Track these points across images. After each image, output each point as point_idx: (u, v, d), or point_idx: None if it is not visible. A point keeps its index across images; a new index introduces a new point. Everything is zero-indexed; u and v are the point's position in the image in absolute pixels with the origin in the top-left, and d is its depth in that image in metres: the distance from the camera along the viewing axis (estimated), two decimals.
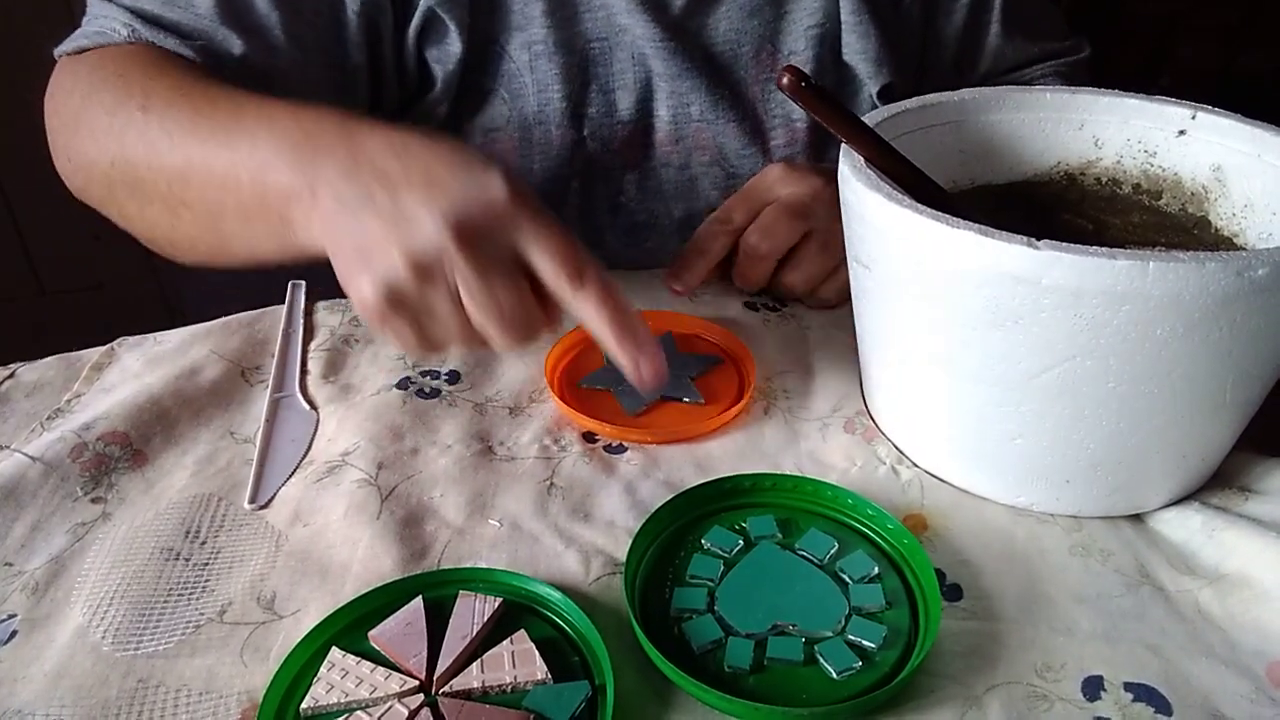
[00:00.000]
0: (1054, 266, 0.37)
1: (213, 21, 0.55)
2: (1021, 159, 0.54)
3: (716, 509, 0.45)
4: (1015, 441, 0.43)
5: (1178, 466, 0.44)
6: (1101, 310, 0.37)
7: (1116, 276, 0.36)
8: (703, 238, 0.60)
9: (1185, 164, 0.50)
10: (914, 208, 0.40)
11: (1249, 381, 0.41)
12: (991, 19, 0.73)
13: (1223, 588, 0.41)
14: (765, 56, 0.67)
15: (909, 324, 0.44)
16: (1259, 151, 0.47)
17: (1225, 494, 0.46)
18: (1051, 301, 0.38)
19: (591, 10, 0.64)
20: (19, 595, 0.41)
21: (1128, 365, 0.39)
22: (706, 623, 0.39)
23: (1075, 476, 0.43)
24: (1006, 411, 0.42)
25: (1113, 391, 0.40)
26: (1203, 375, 0.39)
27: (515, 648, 0.37)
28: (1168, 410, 0.40)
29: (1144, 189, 0.52)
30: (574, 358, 0.56)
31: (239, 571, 0.42)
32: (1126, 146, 0.52)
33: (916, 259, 0.41)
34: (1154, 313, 0.37)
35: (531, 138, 0.66)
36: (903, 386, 0.48)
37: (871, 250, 0.44)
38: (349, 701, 0.35)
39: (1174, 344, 0.38)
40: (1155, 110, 0.51)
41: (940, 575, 0.42)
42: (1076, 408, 0.41)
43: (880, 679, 0.37)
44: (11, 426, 0.50)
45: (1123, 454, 0.42)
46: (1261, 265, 0.36)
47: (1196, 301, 0.36)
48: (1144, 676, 0.37)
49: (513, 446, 0.50)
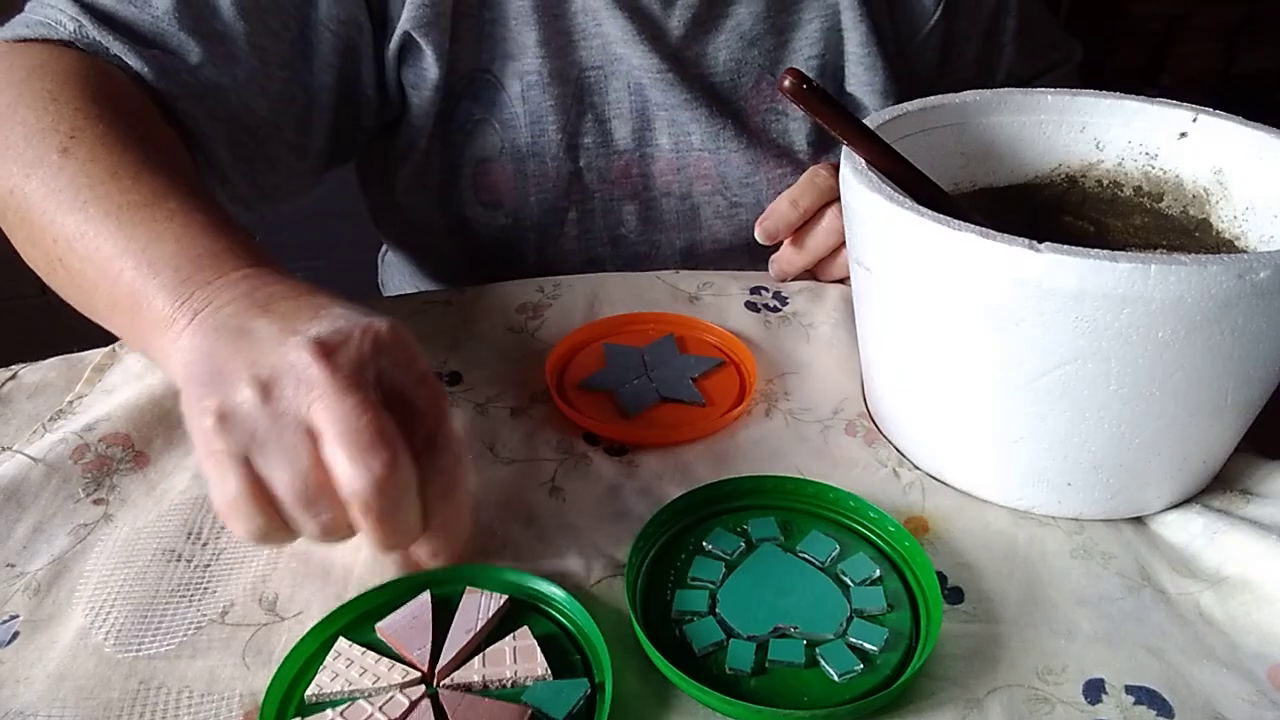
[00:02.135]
0: (1055, 269, 0.37)
1: (170, 24, 0.53)
2: (1023, 161, 0.54)
3: (718, 511, 0.45)
4: (1017, 444, 0.43)
5: (1179, 469, 0.44)
6: (1103, 313, 0.37)
7: (1118, 279, 0.36)
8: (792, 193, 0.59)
9: (1186, 166, 0.50)
10: (915, 209, 0.40)
11: (1250, 384, 0.41)
12: (1005, 42, 0.74)
13: (1224, 591, 0.41)
14: (765, 86, 0.66)
15: (910, 326, 0.44)
16: (1260, 154, 0.47)
17: (1227, 496, 0.46)
18: (1053, 304, 0.38)
19: (587, 39, 0.63)
20: (21, 596, 0.41)
21: (1129, 368, 0.39)
22: (708, 625, 0.39)
23: (1077, 479, 0.43)
24: (1008, 414, 0.42)
25: (1114, 394, 0.40)
26: (1204, 378, 0.39)
27: (517, 643, 0.37)
28: (1169, 413, 0.40)
29: (1145, 191, 0.52)
30: (575, 359, 0.56)
31: (241, 573, 0.42)
32: (1128, 149, 0.52)
33: (917, 261, 0.41)
34: (1155, 316, 0.37)
35: (526, 169, 0.65)
36: (904, 389, 0.48)
37: (873, 252, 0.44)
38: (352, 690, 0.36)
39: (1175, 347, 0.38)
40: (1156, 113, 0.51)
41: (941, 578, 0.42)
42: (1078, 410, 0.41)
43: (881, 681, 0.37)
44: (13, 428, 0.50)
45: (1124, 457, 0.42)
46: (1263, 268, 0.36)
47: (1198, 304, 0.36)
48: (1145, 679, 0.37)
49: (514, 448, 0.50)
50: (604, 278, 0.64)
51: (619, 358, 0.56)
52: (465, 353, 0.57)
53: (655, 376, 0.54)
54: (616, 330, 0.58)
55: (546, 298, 0.62)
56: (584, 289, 0.63)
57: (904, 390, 0.48)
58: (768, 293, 0.63)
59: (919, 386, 0.46)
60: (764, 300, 0.62)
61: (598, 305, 0.61)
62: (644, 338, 0.58)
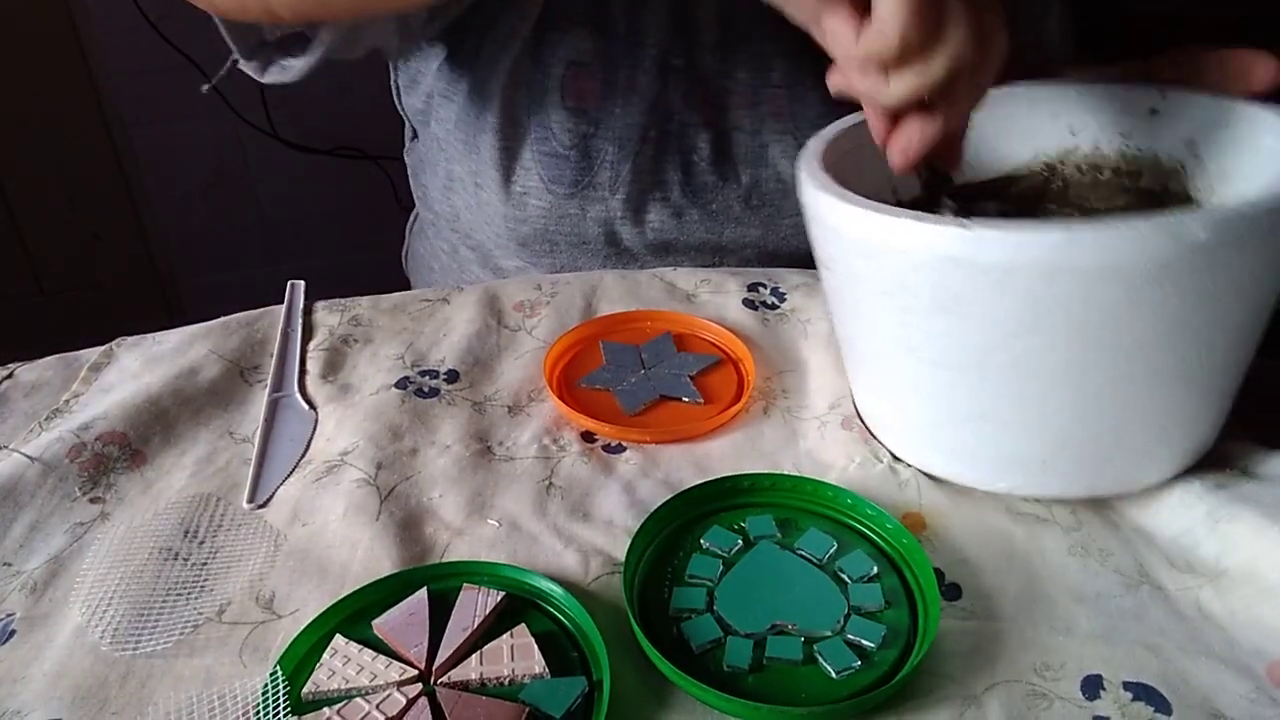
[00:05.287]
0: (985, 245, 0.37)
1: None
2: (1000, 154, 0.54)
3: (716, 509, 0.45)
4: (983, 425, 0.43)
5: (1160, 441, 0.43)
6: (1038, 284, 0.37)
7: (1047, 249, 0.36)
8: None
9: (1161, 143, 0.51)
10: (858, 202, 0.41)
11: (1216, 349, 0.40)
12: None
13: (1224, 585, 0.41)
14: None
15: (869, 317, 0.45)
16: (1228, 122, 0.47)
17: (1227, 475, 0.45)
18: (988, 280, 0.38)
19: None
20: (17, 595, 0.41)
21: (1076, 338, 0.38)
22: (706, 622, 0.39)
23: (1050, 457, 0.43)
24: (968, 395, 0.42)
25: (1066, 366, 0.39)
26: (1158, 343, 0.38)
27: (515, 641, 0.37)
28: (1130, 382, 0.40)
29: (1124, 171, 0.52)
30: (573, 357, 0.56)
31: (238, 571, 0.42)
32: (1102, 132, 0.52)
33: (865, 252, 0.42)
34: (1092, 283, 0.36)
35: (617, 79, 0.66)
36: (875, 380, 0.48)
37: (830, 250, 0.45)
38: (349, 688, 0.36)
39: (1119, 313, 0.37)
40: (1125, 93, 0.51)
41: (939, 574, 0.42)
42: (1034, 385, 0.41)
43: (879, 678, 0.37)
44: (10, 427, 0.50)
45: (1093, 430, 0.42)
46: (1198, 226, 0.35)
47: (1134, 267, 0.36)
48: (1143, 676, 0.37)
49: (511, 446, 0.50)
50: (601, 275, 0.64)
51: (617, 356, 0.56)
52: (463, 351, 0.56)
53: (653, 374, 0.54)
54: (614, 328, 0.58)
55: (544, 296, 0.62)
56: (581, 287, 0.63)
57: (875, 382, 0.48)
58: (765, 290, 0.63)
59: (887, 376, 0.46)
60: (762, 298, 0.62)
61: (595, 303, 0.61)
62: (642, 335, 0.58)
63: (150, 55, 1.44)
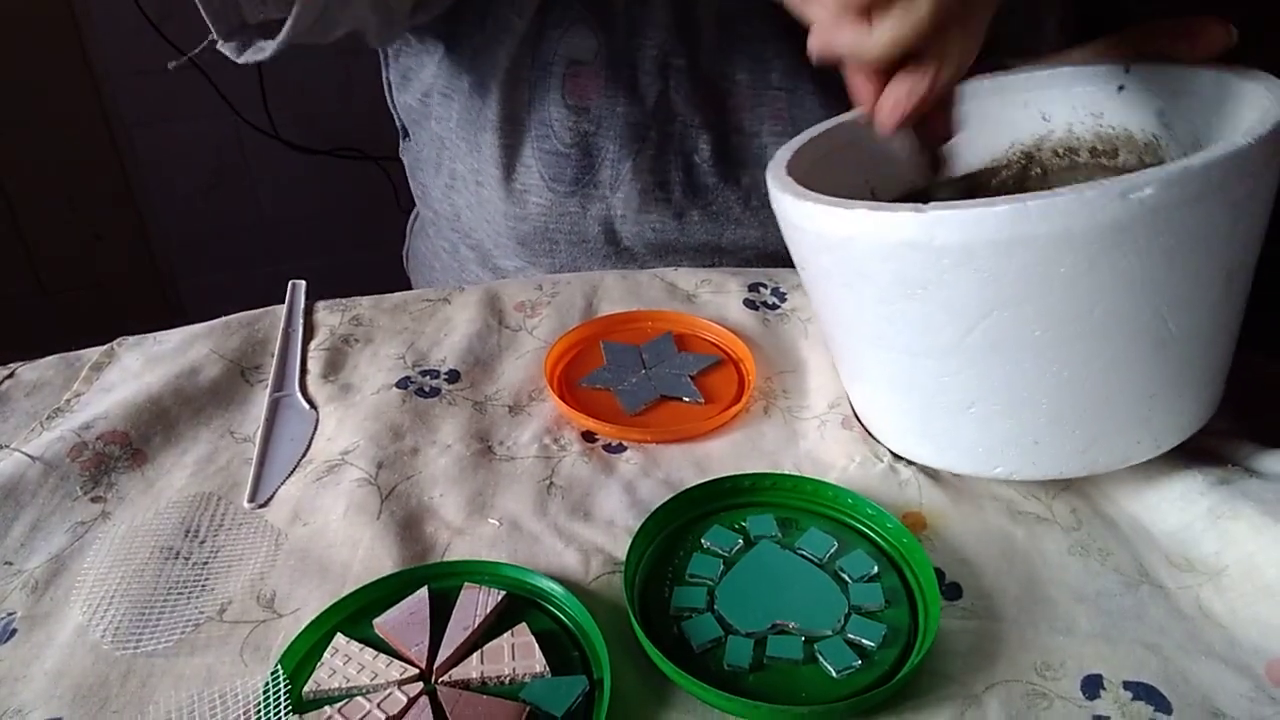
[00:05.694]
0: (939, 227, 0.37)
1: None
2: (976, 148, 0.54)
3: (716, 508, 0.45)
4: (971, 410, 0.43)
5: (1149, 410, 0.43)
6: (996, 260, 0.37)
7: (1000, 224, 0.36)
8: None
9: (1133, 118, 0.50)
10: (814, 198, 0.41)
11: (1190, 308, 0.40)
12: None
13: (1223, 582, 0.41)
14: None
15: (843, 313, 0.45)
16: (1193, 88, 0.47)
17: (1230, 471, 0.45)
18: (949, 261, 0.38)
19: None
20: (18, 594, 0.41)
21: (1044, 311, 0.38)
22: (706, 621, 0.39)
23: (1041, 435, 0.43)
24: (950, 381, 0.42)
25: (1041, 340, 0.39)
26: (1128, 308, 0.38)
27: (515, 640, 0.37)
28: (1106, 350, 0.40)
29: (1100, 151, 0.52)
30: (574, 357, 0.56)
31: (239, 570, 0.42)
32: (1073, 114, 0.52)
33: (827, 246, 0.42)
34: (1049, 253, 0.36)
35: (619, 77, 0.66)
36: (862, 377, 0.48)
37: (800, 251, 0.45)
38: (350, 687, 0.36)
39: (1083, 280, 0.37)
40: (1091, 73, 0.51)
41: (939, 574, 0.42)
42: (1014, 363, 0.40)
43: (880, 678, 0.37)
44: (11, 426, 0.50)
45: (1080, 403, 0.42)
46: (1147, 185, 0.35)
47: (1089, 233, 0.36)
48: (1143, 675, 0.37)
49: (512, 446, 0.50)
50: (602, 275, 0.64)
51: (617, 356, 0.56)
52: (464, 351, 0.57)
53: (654, 374, 0.54)
54: (615, 328, 0.59)
55: (545, 295, 0.62)
56: (582, 287, 0.63)
57: (863, 379, 0.48)
58: (766, 290, 0.63)
59: (871, 372, 0.46)
60: (762, 298, 0.62)
61: (596, 303, 0.62)
62: (642, 335, 0.58)
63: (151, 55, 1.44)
